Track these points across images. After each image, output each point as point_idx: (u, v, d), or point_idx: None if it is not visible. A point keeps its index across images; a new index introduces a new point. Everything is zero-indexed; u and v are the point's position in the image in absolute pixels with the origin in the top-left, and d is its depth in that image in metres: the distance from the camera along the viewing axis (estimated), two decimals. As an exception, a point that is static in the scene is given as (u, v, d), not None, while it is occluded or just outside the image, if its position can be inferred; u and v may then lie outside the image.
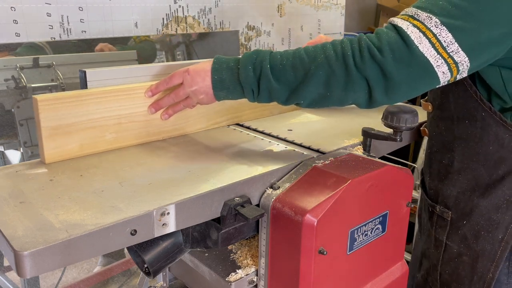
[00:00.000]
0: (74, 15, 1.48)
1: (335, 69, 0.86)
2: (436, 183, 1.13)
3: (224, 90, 0.96)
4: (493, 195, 1.02)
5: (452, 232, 1.10)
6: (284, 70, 0.90)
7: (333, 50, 0.87)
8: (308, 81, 0.88)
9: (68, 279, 2.26)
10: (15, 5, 1.36)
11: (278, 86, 0.90)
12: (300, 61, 0.89)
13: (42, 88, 1.57)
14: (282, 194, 0.90)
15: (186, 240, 0.93)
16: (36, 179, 0.88)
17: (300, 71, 0.88)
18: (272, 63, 0.91)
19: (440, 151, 1.11)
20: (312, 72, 0.87)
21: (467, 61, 0.84)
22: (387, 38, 0.84)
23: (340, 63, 0.86)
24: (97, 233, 0.69)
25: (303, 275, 0.86)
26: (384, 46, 0.83)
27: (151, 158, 1.00)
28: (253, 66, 0.92)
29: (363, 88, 0.86)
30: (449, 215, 1.10)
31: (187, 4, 1.76)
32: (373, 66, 0.84)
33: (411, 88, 0.87)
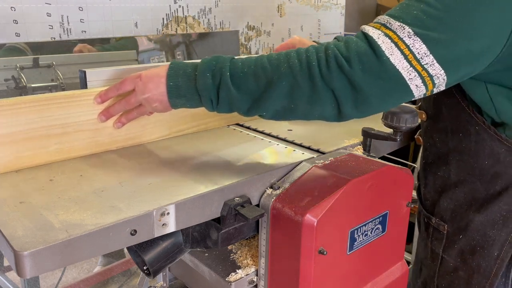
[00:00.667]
0: (74, 15, 1.48)
1: (299, 80, 0.80)
2: (432, 194, 1.07)
3: (181, 98, 0.89)
4: (489, 210, 0.97)
5: (449, 245, 1.05)
6: (245, 78, 0.83)
7: (297, 59, 0.81)
8: (271, 92, 0.81)
9: (68, 279, 2.26)
10: (15, 5, 1.36)
11: (238, 95, 0.84)
12: (262, 70, 0.82)
13: (42, 88, 1.57)
14: (282, 194, 0.90)
15: (186, 240, 0.93)
16: (36, 179, 0.88)
17: (262, 80, 0.82)
18: (233, 71, 0.84)
19: (435, 163, 1.05)
20: (274, 82, 0.81)
21: (443, 74, 0.78)
22: (356, 48, 0.78)
23: (304, 73, 0.80)
24: (97, 233, 0.69)
25: (303, 275, 0.86)
26: (353, 56, 0.77)
27: (151, 158, 1.00)
28: (212, 73, 0.85)
29: (330, 101, 0.80)
30: (445, 228, 1.04)
31: (187, 4, 1.77)
32: (340, 77, 0.78)
33: (382, 101, 0.81)
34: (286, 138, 1.15)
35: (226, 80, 0.84)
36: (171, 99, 0.89)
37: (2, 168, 0.91)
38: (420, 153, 1.13)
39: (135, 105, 0.96)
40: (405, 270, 1.10)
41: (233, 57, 0.88)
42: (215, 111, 0.89)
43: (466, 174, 0.98)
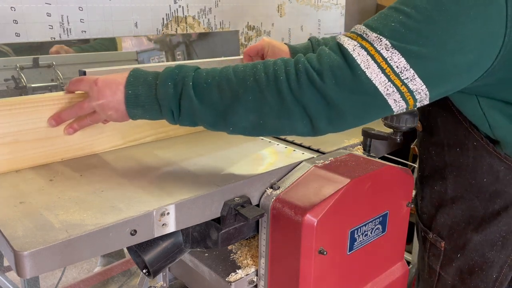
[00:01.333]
0: (74, 15, 1.48)
1: (266, 95, 0.75)
2: (429, 208, 1.02)
3: (139, 107, 0.82)
4: (487, 230, 0.92)
5: (446, 263, 1.00)
6: (208, 89, 0.78)
7: (264, 72, 0.76)
8: (236, 106, 0.77)
9: (68, 279, 2.26)
10: (15, 5, 1.36)
11: (201, 107, 0.78)
12: (227, 82, 0.77)
13: (42, 88, 1.57)
14: (282, 194, 0.90)
15: (186, 240, 0.93)
16: (36, 179, 0.88)
17: (226, 93, 0.77)
18: (196, 81, 0.79)
19: (432, 177, 1.00)
20: (240, 96, 0.76)
21: (424, 89, 0.72)
22: (329, 61, 0.72)
23: (271, 88, 0.74)
24: (97, 233, 0.69)
25: (303, 275, 0.86)
26: (325, 70, 0.72)
27: (151, 158, 1.00)
28: (174, 82, 0.79)
29: (301, 117, 0.75)
30: (442, 245, 0.99)
31: (187, 4, 1.77)
32: (311, 92, 0.73)
33: (359, 117, 0.76)
34: (286, 138, 1.15)
35: (188, 90, 0.78)
36: (129, 109, 0.83)
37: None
38: (417, 163, 1.08)
39: (88, 111, 0.89)
40: (405, 270, 1.10)
41: (198, 67, 0.82)
42: (177, 123, 0.83)
43: (464, 191, 0.93)
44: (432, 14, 0.69)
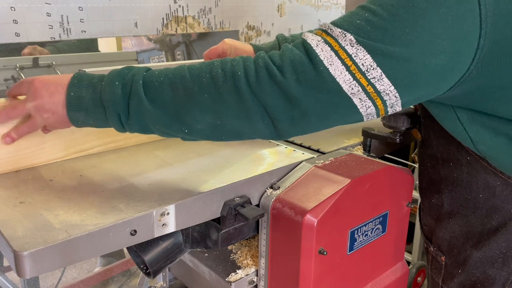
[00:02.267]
0: (74, 15, 1.48)
1: (223, 92, 0.69)
2: (430, 220, 0.99)
3: (81, 111, 0.75)
4: (487, 247, 0.87)
5: (448, 277, 0.96)
6: (161, 88, 0.71)
7: (220, 69, 0.70)
8: (191, 106, 0.70)
9: (68, 279, 2.26)
10: (15, 5, 1.36)
11: (152, 108, 0.71)
12: (181, 80, 0.71)
13: (42, 88, 1.56)
14: (282, 194, 0.90)
15: (186, 240, 0.93)
16: (36, 179, 0.88)
17: (180, 92, 0.71)
18: (146, 79, 0.72)
19: (429, 189, 0.97)
20: (195, 94, 0.70)
21: (393, 91, 0.67)
22: (290, 56, 0.68)
23: (228, 85, 0.69)
24: (97, 233, 0.69)
25: (303, 275, 0.86)
26: (286, 65, 0.67)
27: (151, 158, 1.00)
28: (123, 82, 0.72)
29: (261, 116, 0.70)
30: (443, 259, 0.96)
31: (187, 4, 1.77)
32: (272, 89, 0.67)
33: (323, 118, 0.71)
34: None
35: (138, 90, 0.71)
36: (70, 112, 0.75)
37: None
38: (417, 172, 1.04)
39: (22, 113, 0.80)
40: (405, 270, 1.10)
41: (150, 68, 0.76)
42: (126, 129, 0.75)
43: (459, 206, 0.89)
44: (398, 11, 0.65)
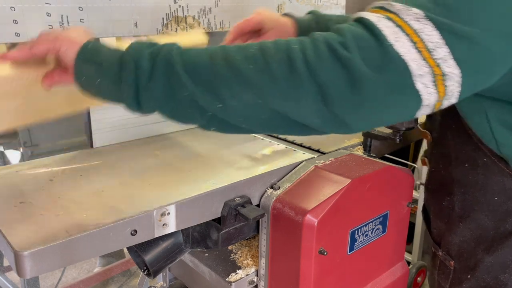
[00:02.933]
0: (74, 15, 1.48)
1: (272, 64, 0.59)
2: (439, 223, 0.94)
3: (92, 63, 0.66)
4: (500, 251, 0.83)
5: (456, 282, 0.92)
6: (197, 55, 0.62)
7: (271, 43, 0.61)
8: (230, 76, 0.60)
9: (68, 279, 2.26)
10: (15, 5, 1.36)
11: (184, 73, 0.61)
12: (222, 50, 0.62)
13: (42, 88, 1.57)
14: (282, 194, 0.89)
15: (186, 240, 0.93)
16: (36, 179, 0.88)
17: (218, 59, 0.61)
18: (185, 53, 0.63)
19: (439, 191, 0.92)
20: (237, 63, 0.60)
21: (458, 75, 0.59)
22: (351, 32, 0.59)
23: (280, 57, 0.59)
24: (97, 233, 0.69)
25: (303, 275, 0.86)
26: (349, 40, 0.58)
27: (151, 158, 1.00)
28: (151, 52, 0.63)
29: (313, 99, 0.59)
30: (452, 264, 0.91)
31: (187, 4, 1.76)
32: (333, 65, 0.57)
33: (382, 108, 0.61)
34: (286, 138, 1.15)
35: (169, 50, 0.62)
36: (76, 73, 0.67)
37: None
38: (426, 174, 0.99)
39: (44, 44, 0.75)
40: (405, 270, 1.10)
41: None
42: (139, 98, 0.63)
43: (472, 209, 0.85)
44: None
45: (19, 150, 1.54)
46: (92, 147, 1.06)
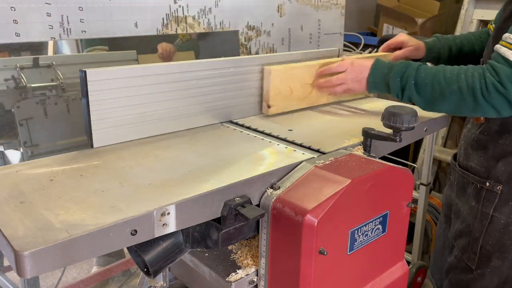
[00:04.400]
0: (74, 15, 1.48)
1: (466, 97, 1.11)
2: (490, 161, 1.28)
3: (375, 89, 1.28)
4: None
5: (501, 204, 1.25)
6: (425, 86, 1.15)
7: (465, 82, 1.10)
8: (442, 101, 1.14)
9: (68, 279, 2.26)
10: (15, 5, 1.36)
11: (417, 97, 1.18)
12: (438, 84, 1.13)
13: (42, 88, 1.57)
14: (282, 194, 0.89)
15: (187, 240, 0.93)
16: (36, 179, 0.88)
17: (436, 91, 1.14)
18: (416, 79, 1.17)
19: (498, 133, 1.26)
20: (446, 95, 1.12)
21: None
22: (504, 72, 1.07)
23: (470, 94, 1.10)
24: (97, 233, 0.69)
25: (303, 275, 0.86)
26: (504, 80, 1.06)
27: (151, 158, 1.00)
28: (401, 78, 1.19)
29: (491, 111, 1.11)
30: (499, 188, 1.25)
31: (187, 4, 1.76)
32: (498, 97, 1.08)
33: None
34: (286, 138, 1.15)
35: (410, 85, 1.18)
36: (369, 88, 1.28)
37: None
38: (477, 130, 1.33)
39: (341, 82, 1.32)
40: (405, 270, 1.10)
41: (420, 65, 1.19)
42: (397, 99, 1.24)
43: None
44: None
45: (19, 150, 1.54)
46: (92, 147, 1.06)
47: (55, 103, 1.58)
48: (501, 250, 1.25)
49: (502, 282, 1.27)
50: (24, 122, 1.51)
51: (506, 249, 1.25)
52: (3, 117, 1.48)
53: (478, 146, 1.32)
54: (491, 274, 1.28)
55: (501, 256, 1.26)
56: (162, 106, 1.15)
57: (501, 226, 1.24)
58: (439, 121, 1.40)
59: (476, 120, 1.34)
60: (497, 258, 1.27)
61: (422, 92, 1.16)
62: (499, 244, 1.25)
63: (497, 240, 1.25)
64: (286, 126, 1.26)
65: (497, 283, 1.28)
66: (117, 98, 1.07)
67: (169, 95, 1.16)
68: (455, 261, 1.38)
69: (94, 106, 1.04)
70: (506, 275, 1.26)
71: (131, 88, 1.09)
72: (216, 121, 1.28)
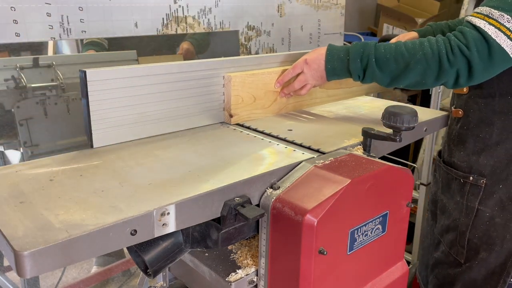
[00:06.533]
0: (74, 15, 1.48)
1: (431, 64, 1.08)
2: (471, 155, 1.29)
3: (335, 76, 1.22)
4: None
5: (486, 197, 1.25)
6: (387, 62, 1.12)
7: (429, 48, 1.08)
8: (408, 72, 1.10)
9: (68, 279, 2.26)
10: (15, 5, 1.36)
11: (381, 74, 1.14)
12: (402, 56, 1.10)
13: (42, 88, 1.57)
14: (282, 194, 0.90)
15: (186, 240, 0.93)
16: (36, 179, 0.88)
17: (400, 64, 1.11)
18: (377, 56, 1.13)
19: (477, 126, 1.27)
20: (411, 66, 1.09)
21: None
22: (471, 36, 1.05)
23: (435, 59, 1.07)
24: (97, 233, 0.69)
25: (303, 275, 0.86)
26: (470, 43, 1.04)
27: (151, 158, 1.00)
28: (361, 58, 1.14)
29: (452, 77, 1.08)
30: (483, 182, 1.25)
31: (187, 4, 1.76)
32: (462, 60, 1.05)
33: (489, 73, 1.08)
34: (286, 138, 1.15)
35: (372, 64, 1.13)
36: (328, 76, 1.22)
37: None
38: (456, 124, 1.34)
39: (303, 84, 1.28)
40: (405, 270, 1.10)
41: (376, 43, 1.15)
42: (360, 82, 1.20)
43: (509, 133, 1.21)
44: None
45: (19, 150, 1.54)
46: (92, 147, 1.06)
47: (55, 103, 1.58)
48: (488, 242, 1.26)
49: (489, 273, 1.28)
50: (24, 122, 1.51)
51: (492, 241, 1.26)
52: (3, 117, 1.49)
53: (459, 141, 1.33)
54: (479, 266, 1.29)
55: (488, 248, 1.27)
56: (162, 106, 1.15)
57: (487, 219, 1.25)
58: (439, 121, 1.40)
59: (455, 114, 1.34)
60: (484, 250, 1.28)
61: (385, 68, 1.12)
62: (486, 236, 1.27)
63: (483, 233, 1.27)
64: (286, 126, 1.26)
65: (484, 274, 1.29)
66: (117, 98, 1.07)
67: (169, 95, 1.16)
68: (442, 256, 1.39)
69: (94, 106, 1.04)
70: (494, 266, 1.28)
71: (131, 88, 1.09)
72: (216, 121, 1.28)
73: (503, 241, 1.24)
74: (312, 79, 1.25)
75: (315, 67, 1.22)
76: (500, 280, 1.27)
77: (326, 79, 1.23)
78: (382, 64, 1.12)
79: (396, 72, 1.11)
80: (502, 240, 1.25)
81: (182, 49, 1.87)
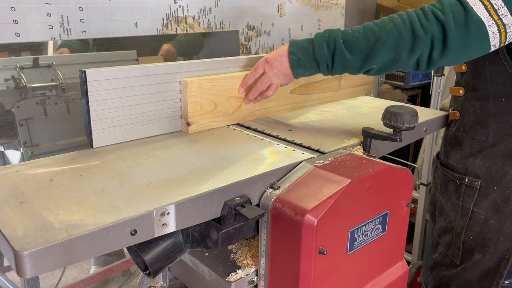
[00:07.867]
0: (74, 15, 1.48)
1: (403, 33, 1.00)
2: (467, 157, 1.27)
3: (301, 68, 1.11)
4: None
5: (481, 199, 1.24)
6: (356, 41, 1.03)
7: (400, 19, 1.02)
8: (379, 47, 1.01)
9: (68, 279, 2.26)
10: (15, 5, 1.36)
11: (351, 57, 1.04)
12: (371, 31, 1.02)
13: (42, 88, 1.57)
14: (282, 194, 0.90)
15: (186, 240, 0.93)
16: (36, 179, 0.88)
17: (371, 40, 1.02)
18: (345, 38, 1.04)
19: (473, 128, 1.25)
20: (383, 39, 1.01)
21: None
22: (448, 3, 0.99)
23: (407, 28, 1.00)
24: (97, 233, 0.69)
25: (303, 275, 0.86)
26: (446, 8, 0.98)
27: (151, 158, 1.00)
28: (327, 43, 1.05)
29: (427, 47, 0.99)
30: (478, 183, 1.24)
31: (187, 4, 1.77)
32: (436, 27, 0.98)
33: (464, 47, 1.00)
34: (286, 138, 1.15)
35: (340, 47, 1.04)
36: (294, 70, 1.12)
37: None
38: (453, 126, 1.33)
39: (267, 84, 1.19)
40: (405, 270, 1.10)
41: (340, 29, 1.07)
42: (330, 74, 1.10)
43: (504, 134, 1.19)
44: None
45: (19, 150, 1.54)
46: (92, 147, 1.06)
47: (55, 103, 1.58)
48: (482, 244, 1.26)
49: (484, 275, 1.28)
50: (24, 122, 1.51)
51: (487, 243, 1.25)
52: (3, 117, 1.49)
53: (456, 143, 1.32)
54: (473, 268, 1.29)
55: (482, 250, 1.26)
56: (162, 106, 1.16)
57: (481, 220, 1.25)
58: (439, 121, 1.40)
59: (452, 116, 1.33)
60: (478, 252, 1.27)
61: (355, 49, 1.03)
62: (480, 238, 1.26)
63: (478, 235, 1.26)
64: (286, 126, 1.26)
65: (478, 276, 1.29)
66: (117, 98, 1.07)
67: (168, 95, 1.16)
68: (439, 257, 1.39)
69: (94, 106, 1.04)
70: (488, 268, 1.27)
71: (131, 88, 1.09)
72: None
73: (496, 243, 1.24)
74: (276, 78, 1.16)
75: (277, 65, 1.14)
76: (493, 282, 1.27)
77: (292, 75, 1.14)
78: (351, 45, 1.03)
79: (367, 50, 1.02)
80: (495, 242, 1.24)
81: (163, 50, 1.85)
